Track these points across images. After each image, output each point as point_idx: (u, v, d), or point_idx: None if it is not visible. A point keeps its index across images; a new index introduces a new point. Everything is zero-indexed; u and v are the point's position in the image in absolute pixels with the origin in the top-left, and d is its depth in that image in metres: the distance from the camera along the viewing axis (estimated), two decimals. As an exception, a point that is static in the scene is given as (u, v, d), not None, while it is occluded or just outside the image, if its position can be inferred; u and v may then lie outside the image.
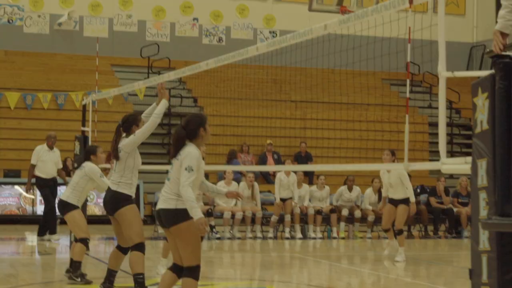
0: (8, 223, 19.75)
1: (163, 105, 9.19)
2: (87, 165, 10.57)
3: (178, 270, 7.48)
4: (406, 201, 14.30)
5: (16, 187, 20.17)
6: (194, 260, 7.32)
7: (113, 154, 9.25)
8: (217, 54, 18.00)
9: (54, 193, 16.71)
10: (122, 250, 9.48)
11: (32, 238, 17.56)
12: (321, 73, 21.76)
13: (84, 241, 10.36)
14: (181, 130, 7.36)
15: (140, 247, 9.08)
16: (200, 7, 27.26)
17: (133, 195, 9.30)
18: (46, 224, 16.51)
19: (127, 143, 9.20)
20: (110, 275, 9.51)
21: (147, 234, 18.20)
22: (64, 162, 21.17)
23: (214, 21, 27.56)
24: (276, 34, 27.60)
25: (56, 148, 16.86)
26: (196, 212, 7.06)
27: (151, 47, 25.98)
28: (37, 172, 16.51)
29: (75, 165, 17.85)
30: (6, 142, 22.10)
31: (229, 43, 27.05)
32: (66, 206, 10.48)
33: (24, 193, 19.64)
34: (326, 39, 9.60)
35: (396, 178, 14.15)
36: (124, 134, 9.43)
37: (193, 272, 7.32)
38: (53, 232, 16.61)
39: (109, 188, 9.31)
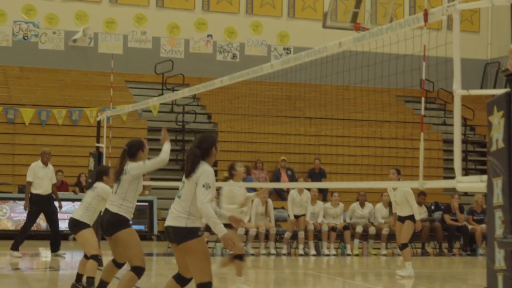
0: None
1: (168, 145, 9.44)
2: (99, 186, 10.61)
3: (181, 280, 7.65)
4: (412, 217, 14.37)
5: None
6: (205, 277, 7.39)
7: (116, 176, 9.34)
8: (231, 70, 18.05)
9: (52, 209, 16.57)
10: (117, 264, 9.61)
11: (46, 253, 17.57)
12: (335, 89, 21.76)
13: (96, 258, 10.38)
14: (196, 150, 7.52)
15: (138, 270, 9.10)
16: (214, 24, 27.34)
17: (130, 219, 9.38)
18: (20, 240, 16.22)
19: (135, 167, 9.26)
20: (102, 286, 9.61)
21: (161, 250, 18.23)
22: (78, 178, 21.26)
23: (228, 37, 27.63)
24: (290, 51, 27.64)
25: (50, 164, 16.68)
26: (220, 228, 7.18)
27: (165, 63, 26.05)
28: (33, 189, 16.26)
29: (89, 181, 17.91)
30: (21, 158, 22.17)
31: (243, 60, 27.11)
32: (78, 225, 10.51)
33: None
34: (340, 56, 9.61)
35: (402, 196, 14.26)
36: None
37: None
38: (57, 249, 16.47)
39: (107, 210, 9.31)
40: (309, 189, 18.78)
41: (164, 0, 27.05)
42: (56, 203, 16.82)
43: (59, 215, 17.07)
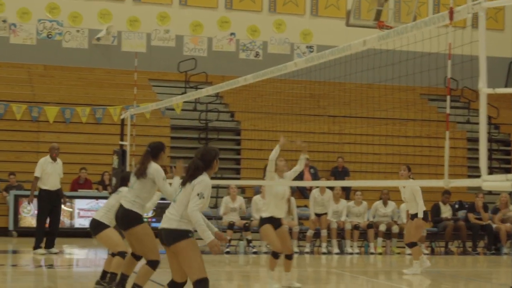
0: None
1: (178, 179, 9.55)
2: (124, 190, 10.68)
3: (175, 286, 7.92)
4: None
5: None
6: (198, 273, 7.64)
7: (139, 173, 9.70)
8: (253, 68, 18.03)
9: (58, 205, 16.58)
10: (136, 257, 9.95)
11: (70, 250, 17.67)
12: (359, 88, 21.71)
13: (122, 254, 10.45)
14: (199, 161, 7.85)
15: (153, 264, 9.44)
16: (237, 22, 27.35)
17: (143, 216, 9.78)
18: (39, 238, 16.26)
19: (157, 177, 9.62)
20: (122, 279, 9.96)
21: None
22: (102, 176, 21.34)
23: (251, 36, 27.63)
24: (313, 49, 27.60)
25: (59, 159, 16.61)
26: (208, 235, 7.59)
27: (189, 61, 26.09)
28: (42, 185, 16.24)
29: (113, 179, 17.97)
30: (45, 155, 22.25)
31: (266, 58, 27.11)
32: (99, 226, 10.58)
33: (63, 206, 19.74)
34: (365, 54, 9.58)
35: (410, 193, 14.36)
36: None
37: (202, 285, 7.63)
38: (51, 245, 16.41)
39: (121, 205, 9.79)
40: (332, 188, 18.76)
41: (187, -1, 27.08)
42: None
43: (84, 213, 17.13)
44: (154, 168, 9.67)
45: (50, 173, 16.26)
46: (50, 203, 16.29)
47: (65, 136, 22.75)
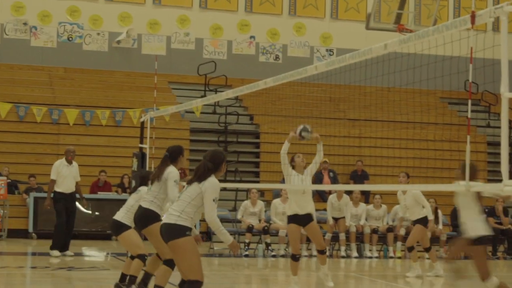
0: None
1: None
2: (143, 189, 10.70)
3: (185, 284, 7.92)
4: (421, 221, 14.39)
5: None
6: (192, 275, 7.68)
7: (155, 176, 9.87)
8: (273, 71, 18.04)
9: (73, 208, 16.49)
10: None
11: (90, 252, 17.73)
12: (379, 91, 21.64)
13: (142, 257, 10.47)
14: (209, 163, 7.95)
15: (170, 263, 9.38)
16: (257, 25, 27.36)
17: (161, 216, 9.76)
18: (57, 239, 16.24)
19: (169, 178, 9.73)
20: (146, 278, 10.05)
21: (203, 251, 18.27)
22: (121, 178, 21.39)
23: (271, 39, 27.62)
24: (333, 52, 27.57)
25: (75, 162, 16.51)
26: (228, 237, 7.80)
27: (208, 64, 26.12)
28: (56, 187, 16.18)
29: (132, 181, 18.00)
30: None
31: (286, 61, 27.10)
32: (120, 227, 10.59)
33: (82, 208, 19.81)
34: (385, 58, 9.56)
35: (411, 199, 14.35)
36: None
37: (195, 286, 7.68)
38: (66, 248, 16.38)
39: (140, 206, 9.96)
40: (351, 192, 18.72)
41: (207, 2, 27.13)
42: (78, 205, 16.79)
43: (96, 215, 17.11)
44: (168, 170, 9.76)
45: (65, 176, 16.22)
46: (64, 204, 16.25)
47: (85, 138, 22.83)
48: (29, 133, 22.69)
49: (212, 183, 7.82)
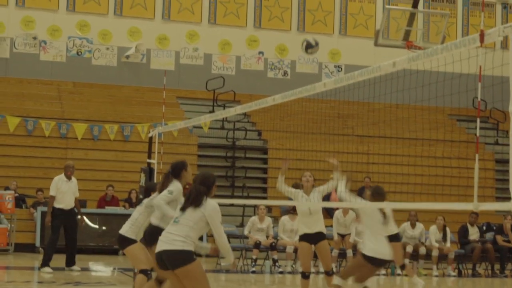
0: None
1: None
2: (146, 202, 10.66)
3: None
4: (394, 238, 14.10)
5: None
6: None
7: (159, 192, 9.81)
8: (282, 87, 18.06)
9: (73, 224, 16.23)
10: (160, 282, 9.66)
11: (97, 267, 17.71)
12: (388, 108, 21.63)
13: (145, 272, 10.39)
14: (201, 187, 7.97)
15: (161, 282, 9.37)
16: (266, 41, 27.41)
17: None
18: (48, 255, 15.93)
19: (161, 197, 9.64)
20: None
21: (209, 267, 18.25)
22: (129, 193, 21.40)
23: (279, 55, 27.67)
24: (341, 69, 27.59)
25: (74, 178, 16.26)
26: (232, 257, 8.09)
27: (217, 80, 26.17)
28: (56, 203, 15.89)
29: (140, 196, 17.99)
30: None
31: (294, 77, 27.14)
32: (125, 241, 10.51)
33: (89, 223, 19.81)
34: (394, 76, 9.55)
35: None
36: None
37: None
38: (72, 263, 16.19)
39: (149, 223, 9.91)
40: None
41: (216, 17, 27.20)
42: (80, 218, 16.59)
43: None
44: (172, 185, 9.68)
45: (64, 191, 15.93)
46: (62, 221, 15.98)
47: (93, 153, 22.86)
48: (37, 147, 22.74)
49: (214, 207, 7.87)
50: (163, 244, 7.72)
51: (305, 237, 11.75)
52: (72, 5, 26.16)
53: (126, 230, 10.57)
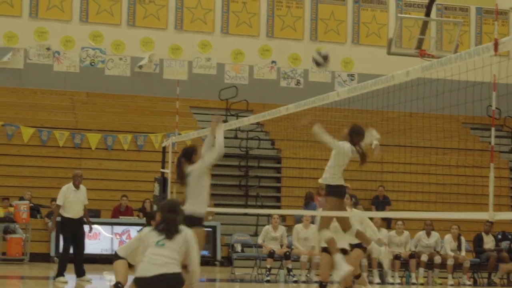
0: (88, 263, 19.94)
1: (221, 135, 10.31)
2: (145, 231, 10.62)
3: None
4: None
5: (97, 226, 20.27)
6: None
7: (180, 181, 10.29)
8: (294, 96, 18.05)
9: (82, 233, 16.06)
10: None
11: (111, 277, 17.71)
12: (402, 116, 21.54)
13: (116, 285, 10.14)
14: (171, 215, 7.97)
15: None
16: (278, 50, 27.41)
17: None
18: (61, 265, 15.78)
19: (195, 167, 10.16)
20: None
21: (224, 276, 18.26)
22: (143, 203, 21.41)
23: (292, 64, 27.67)
24: (354, 77, 27.56)
25: (82, 186, 16.17)
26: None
27: (230, 89, 26.19)
28: (64, 213, 15.81)
29: (154, 206, 18.02)
30: (87, 182, 22.22)
31: (307, 86, 27.13)
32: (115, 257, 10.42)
33: (104, 233, 19.84)
34: (408, 85, 9.55)
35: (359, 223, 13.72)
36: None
37: None
38: (82, 274, 16.03)
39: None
40: (371, 217, 18.60)
41: (228, 27, 27.24)
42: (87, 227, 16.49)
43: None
44: (192, 167, 10.22)
45: (72, 201, 15.85)
46: (72, 230, 15.87)
47: (107, 163, 22.90)
48: (51, 157, 22.80)
49: (191, 233, 8.08)
50: (158, 267, 7.68)
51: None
52: (85, 15, 26.26)
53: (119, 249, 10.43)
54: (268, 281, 17.60)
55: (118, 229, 20.56)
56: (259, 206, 22.16)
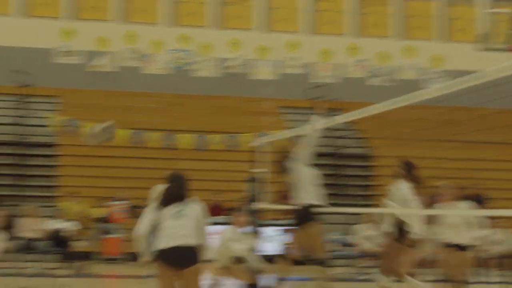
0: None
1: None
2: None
3: None
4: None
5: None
6: None
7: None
8: (383, 94, 17.93)
9: None
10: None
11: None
12: (497, 113, 21.23)
13: None
14: (180, 190, 8.41)
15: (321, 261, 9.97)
16: (367, 48, 27.30)
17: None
18: None
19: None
20: None
21: (320, 276, 18.19)
22: (235, 203, 21.55)
23: (381, 61, 27.52)
24: (443, 74, 27.24)
25: None
26: None
27: (318, 88, 26.18)
28: None
29: (250, 205, 18.10)
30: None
31: (396, 83, 26.92)
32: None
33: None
34: (504, 81, 9.41)
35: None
36: None
37: None
38: None
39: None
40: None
41: (315, 26, 27.24)
42: None
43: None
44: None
45: None
46: None
47: (200, 163, 23.12)
48: (142, 158, 23.12)
49: (200, 207, 8.15)
50: (176, 239, 7.73)
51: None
52: (173, 18, 26.60)
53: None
54: (366, 280, 17.44)
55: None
56: (351, 205, 22.08)
